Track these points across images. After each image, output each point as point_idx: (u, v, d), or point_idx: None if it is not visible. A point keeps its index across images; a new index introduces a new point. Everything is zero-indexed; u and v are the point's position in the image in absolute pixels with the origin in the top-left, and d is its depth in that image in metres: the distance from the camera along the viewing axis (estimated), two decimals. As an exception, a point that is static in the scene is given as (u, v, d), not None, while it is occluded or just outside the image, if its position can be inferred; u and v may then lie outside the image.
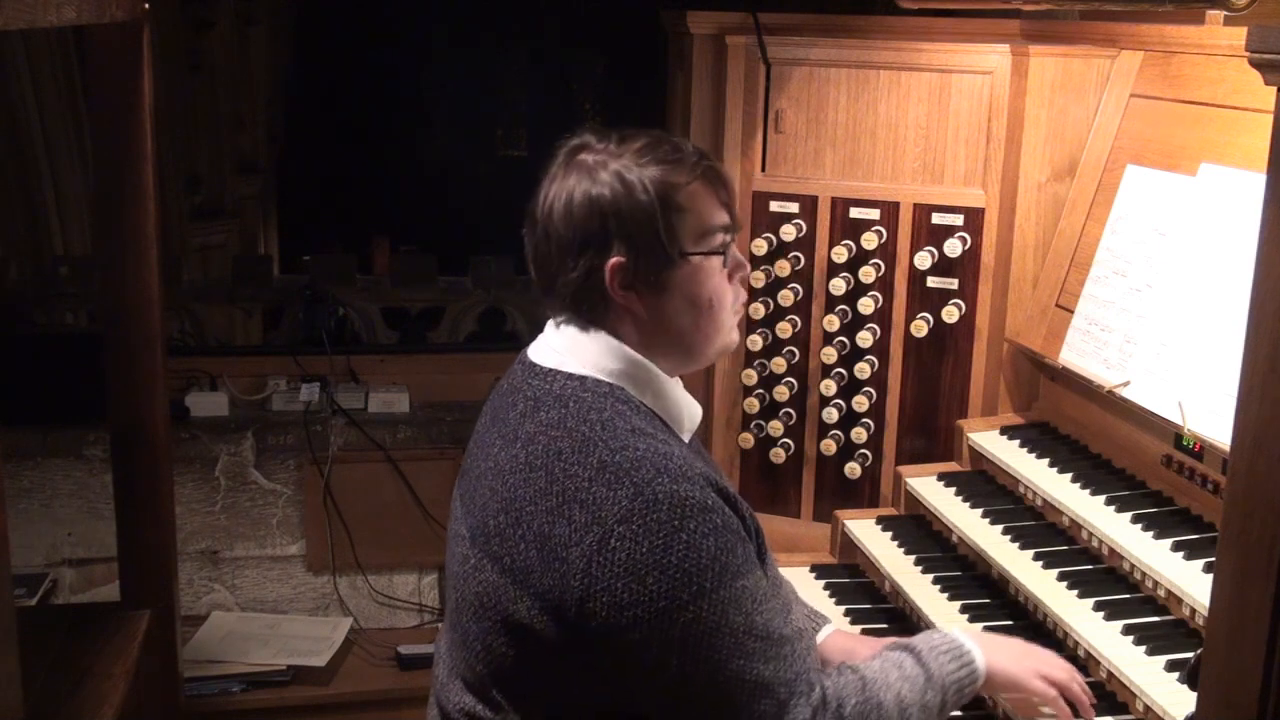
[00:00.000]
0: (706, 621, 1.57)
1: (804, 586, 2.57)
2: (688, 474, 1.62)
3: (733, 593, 1.59)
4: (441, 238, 8.84)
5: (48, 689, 2.45)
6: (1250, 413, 1.24)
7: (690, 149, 1.76)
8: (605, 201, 1.68)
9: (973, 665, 1.85)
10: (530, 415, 1.70)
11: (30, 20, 1.73)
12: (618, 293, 1.70)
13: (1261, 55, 1.24)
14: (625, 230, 1.68)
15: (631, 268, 1.69)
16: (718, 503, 1.63)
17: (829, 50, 2.78)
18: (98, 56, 2.67)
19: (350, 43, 11.14)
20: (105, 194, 2.75)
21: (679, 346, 1.76)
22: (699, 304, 1.74)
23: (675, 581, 1.56)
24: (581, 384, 1.70)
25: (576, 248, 1.69)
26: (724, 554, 1.59)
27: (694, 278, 1.73)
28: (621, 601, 1.56)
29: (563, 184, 1.72)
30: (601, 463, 1.60)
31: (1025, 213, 2.71)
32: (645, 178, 1.69)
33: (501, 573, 1.65)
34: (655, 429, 1.70)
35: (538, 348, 1.80)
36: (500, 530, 1.66)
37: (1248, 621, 1.24)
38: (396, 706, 3.59)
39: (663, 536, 1.56)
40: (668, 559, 1.56)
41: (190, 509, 3.86)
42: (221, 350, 5.26)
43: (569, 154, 1.75)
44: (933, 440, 2.80)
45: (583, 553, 1.57)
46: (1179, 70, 2.48)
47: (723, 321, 1.78)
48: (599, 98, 12.55)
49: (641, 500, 1.57)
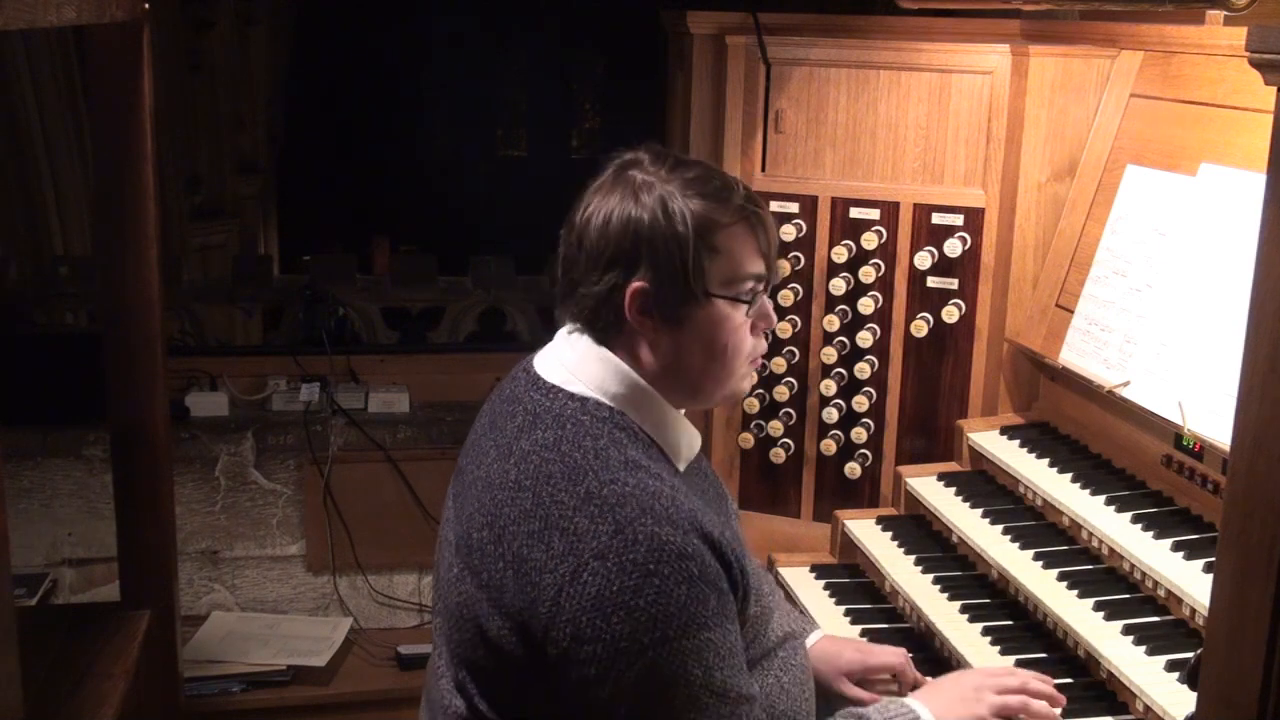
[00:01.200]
0: (664, 670, 1.55)
1: (804, 586, 2.58)
2: (673, 517, 1.59)
3: (695, 644, 1.56)
4: (441, 238, 8.83)
5: (48, 689, 2.45)
6: (1250, 413, 1.24)
7: (740, 189, 1.73)
8: (642, 224, 1.66)
9: None
10: (527, 432, 1.68)
11: (30, 20, 1.73)
12: (634, 316, 1.68)
13: (1261, 55, 1.24)
14: (654, 257, 1.66)
15: (653, 295, 1.67)
16: (699, 549, 1.59)
17: (829, 50, 2.78)
18: (98, 56, 2.67)
19: (350, 43, 11.13)
20: (105, 194, 2.75)
21: (684, 384, 1.74)
22: (713, 348, 1.72)
23: (639, 625, 1.54)
24: (582, 406, 1.69)
25: (605, 263, 1.67)
26: (694, 604, 1.56)
27: (713, 320, 1.70)
28: (583, 635, 1.54)
29: (607, 197, 1.69)
30: (588, 493, 1.59)
31: (1025, 213, 2.71)
32: (688, 209, 1.66)
33: (479, 587, 1.65)
34: (651, 459, 1.68)
35: (544, 360, 1.78)
36: (481, 545, 1.66)
37: (1248, 621, 1.24)
38: (396, 706, 3.59)
39: (635, 578, 1.54)
40: (636, 601, 1.54)
41: (190, 509, 3.86)
42: (221, 350, 5.26)
43: (620, 168, 1.73)
44: (933, 440, 2.80)
45: (555, 580, 1.56)
46: (1179, 70, 2.48)
47: (735, 369, 1.76)
48: (599, 98, 12.55)
49: (621, 538, 1.55)
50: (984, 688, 1.91)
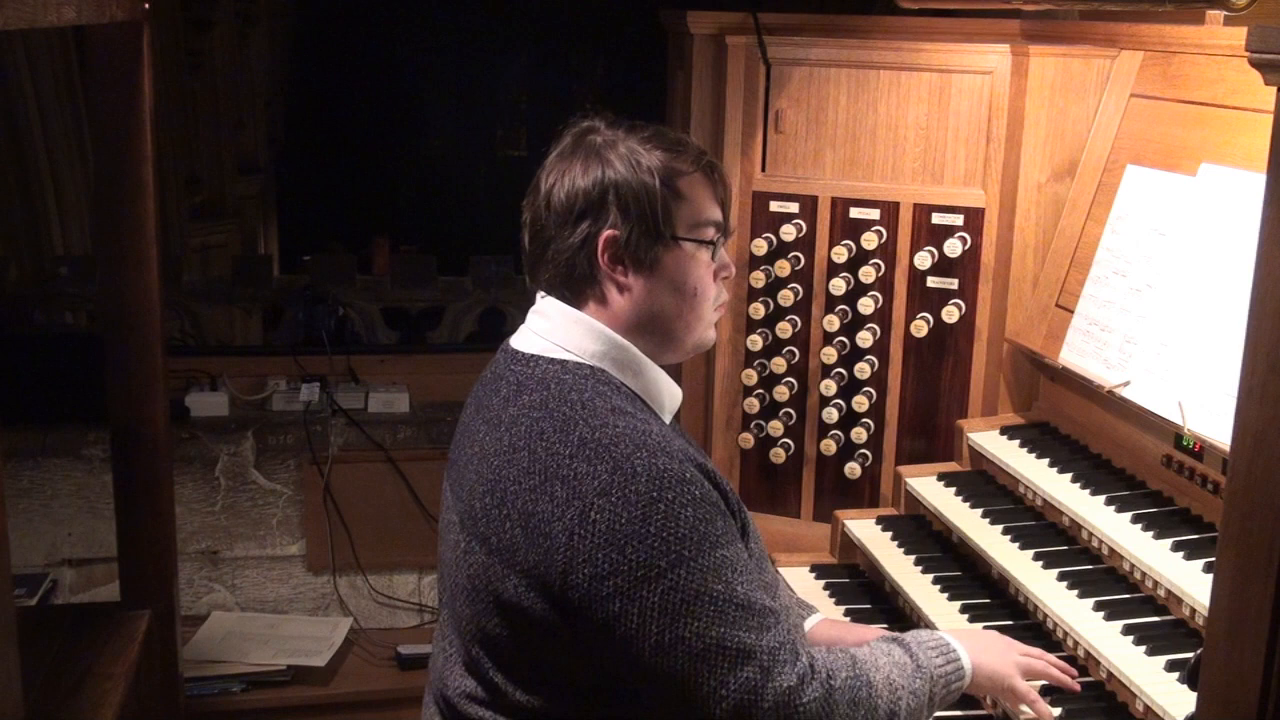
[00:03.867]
0: (685, 589, 1.60)
1: (804, 586, 2.58)
2: (666, 449, 1.65)
3: (712, 561, 1.62)
4: (441, 238, 8.85)
5: (48, 689, 2.45)
6: (1250, 413, 1.24)
7: (693, 144, 1.84)
8: (610, 175, 1.75)
9: (959, 663, 1.89)
10: (513, 399, 1.74)
11: (30, 20, 1.73)
12: (607, 264, 1.75)
13: (1261, 55, 1.24)
14: (624, 204, 1.74)
15: (624, 241, 1.74)
16: (696, 476, 1.66)
17: (829, 50, 2.79)
18: (98, 56, 2.67)
19: (350, 43, 11.14)
20: (105, 194, 2.75)
21: (659, 331, 1.80)
22: (683, 290, 1.79)
23: (653, 550, 1.59)
24: (563, 367, 1.75)
25: (575, 216, 1.75)
26: (702, 524, 1.63)
27: (681, 263, 1.78)
28: (602, 572, 1.59)
29: (570, 159, 1.78)
30: (582, 440, 1.64)
31: (1025, 213, 2.71)
32: (651, 160, 1.76)
33: (489, 553, 1.69)
34: (636, 409, 1.73)
35: (519, 335, 1.85)
36: (486, 511, 1.70)
37: (1248, 621, 1.24)
38: (396, 706, 3.58)
39: (641, 507, 1.60)
40: (646, 529, 1.59)
41: (190, 509, 3.86)
42: (221, 350, 5.26)
43: (578, 134, 1.81)
44: (933, 440, 2.80)
45: (564, 527, 1.61)
46: (1179, 70, 2.48)
47: (703, 313, 1.83)
48: (599, 98, 12.56)
49: (620, 474, 1.61)
50: (1013, 646, 2.00)
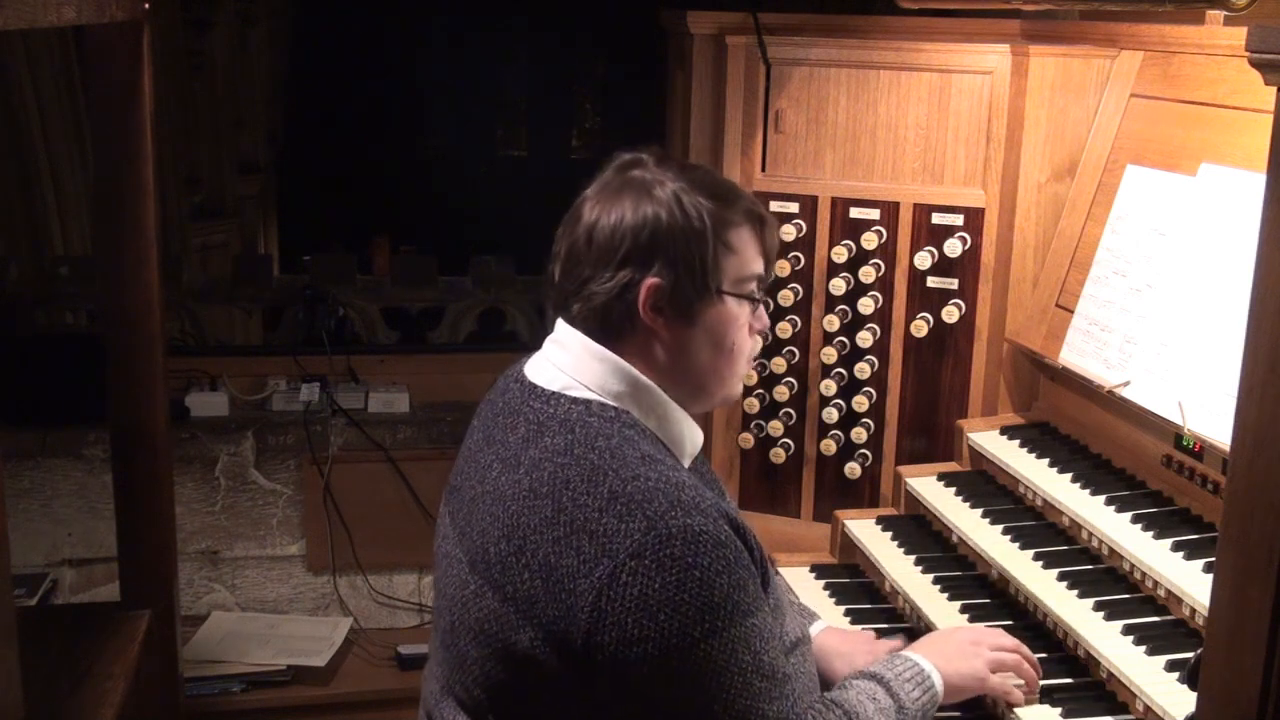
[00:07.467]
0: (716, 660, 1.55)
1: (804, 586, 2.57)
2: (701, 506, 1.59)
3: (743, 631, 1.57)
4: (441, 238, 8.82)
5: (48, 689, 2.45)
6: (1250, 413, 1.24)
7: (744, 192, 1.77)
8: (659, 221, 1.66)
9: (933, 689, 1.89)
10: (534, 441, 1.66)
11: (30, 20, 1.72)
12: (647, 313, 1.68)
13: (1261, 55, 1.23)
14: (671, 253, 1.67)
15: (667, 292, 1.67)
16: (730, 536, 1.60)
17: (829, 50, 2.78)
18: (98, 56, 2.67)
19: (350, 43, 11.14)
20: (105, 194, 2.75)
21: (691, 383, 1.75)
22: (721, 345, 1.74)
23: (688, 619, 1.53)
24: (587, 408, 1.68)
25: (618, 260, 1.67)
26: (736, 591, 1.57)
27: (722, 318, 1.72)
28: (631, 636, 1.53)
29: (616, 196, 1.70)
30: (613, 493, 1.57)
31: (1025, 213, 2.71)
32: (701, 206, 1.68)
33: (503, 601, 1.61)
34: (663, 454, 1.68)
35: (537, 367, 1.77)
36: (502, 558, 1.62)
37: (1248, 621, 1.24)
38: (396, 706, 3.58)
39: (676, 573, 1.53)
40: (681, 596, 1.53)
41: (190, 509, 3.86)
42: (221, 350, 5.25)
43: (622, 167, 1.74)
44: (933, 440, 2.80)
45: (591, 585, 1.54)
46: (1179, 70, 2.48)
47: (738, 369, 1.78)
48: (599, 98, 12.55)
49: (655, 535, 1.54)
50: (980, 643, 1.98)
